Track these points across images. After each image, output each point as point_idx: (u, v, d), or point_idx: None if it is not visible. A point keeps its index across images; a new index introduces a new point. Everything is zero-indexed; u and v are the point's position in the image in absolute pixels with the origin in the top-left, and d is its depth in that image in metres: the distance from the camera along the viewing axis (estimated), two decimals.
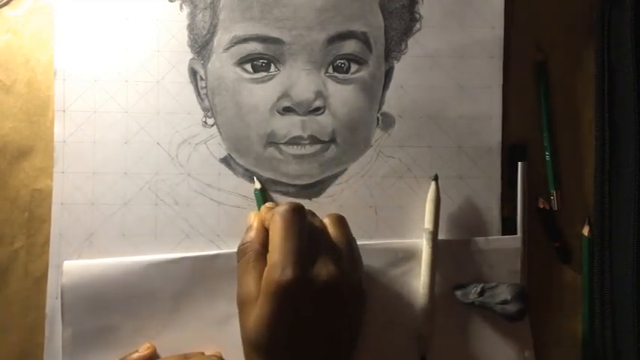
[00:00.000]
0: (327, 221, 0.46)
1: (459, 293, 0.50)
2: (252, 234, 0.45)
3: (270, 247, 0.43)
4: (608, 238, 0.52)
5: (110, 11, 0.51)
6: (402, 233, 0.52)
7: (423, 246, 0.50)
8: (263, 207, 0.49)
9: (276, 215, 0.43)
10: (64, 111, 0.51)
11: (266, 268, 0.42)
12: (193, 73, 0.52)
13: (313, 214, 0.46)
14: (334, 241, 0.45)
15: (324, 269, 0.42)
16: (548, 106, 0.53)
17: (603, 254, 0.52)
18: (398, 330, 0.50)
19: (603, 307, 0.51)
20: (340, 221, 0.46)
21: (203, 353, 0.48)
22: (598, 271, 0.52)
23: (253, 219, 0.47)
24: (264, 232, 0.45)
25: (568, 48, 0.54)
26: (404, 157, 0.52)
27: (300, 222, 0.43)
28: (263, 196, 0.50)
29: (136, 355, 0.48)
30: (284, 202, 0.45)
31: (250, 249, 0.45)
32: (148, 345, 0.48)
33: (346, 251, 0.45)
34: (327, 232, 0.45)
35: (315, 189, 0.52)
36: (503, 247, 0.51)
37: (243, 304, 0.43)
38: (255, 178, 0.51)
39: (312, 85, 0.51)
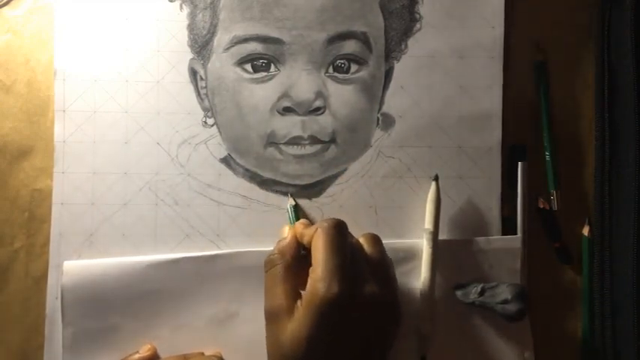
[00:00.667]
0: (362, 240, 0.47)
1: (459, 293, 0.50)
2: (284, 245, 0.46)
3: (314, 263, 0.43)
4: (608, 238, 0.52)
5: (110, 11, 0.51)
6: (402, 233, 0.52)
7: (424, 246, 0.50)
8: (298, 223, 0.49)
9: (319, 230, 0.44)
10: (64, 111, 0.50)
11: (309, 283, 0.42)
12: (193, 73, 0.52)
13: (349, 234, 0.46)
14: (371, 259, 0.45)
15: (367, 286, 0.43)
16: (548, 106, 0.53)
17: (603, 254, 0.52)
18: None
19: (603, 307, 0.51)
20: (376, 240, 0.47)
21: (203, 353, 0.48)
22: (598, 271, 0.52)
23: (287, 232, 0.47)
24: (297, 246, 0.46)
25: (568, 48, 0.54)
26: (404, 157, 0.52)
27: (343, 238, 0.44)
28: (296, 211, 0.50)
29: (137, 356, 0.48)
30: (325, 219, 0.45)
31: (280, 261, 0.45)
32: (149, 346, 0.48)
33: (384, 269, 0.46)
34: (364, 251, 0.46)
35: (315, 189, 0.52)
36: (503, 247, 0.51)
37: (273, 317, 0.43)
38: (289, 194, 0.51)
39: (312, 85, 0.51)
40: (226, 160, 0.52)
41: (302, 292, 0.43)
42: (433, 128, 0.53)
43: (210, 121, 0.52)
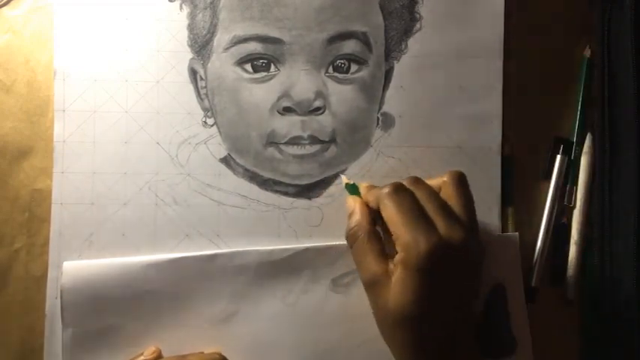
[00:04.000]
0: (447, 178, 0.47)
1: None
2: (358, 217, 0.47)
3: (394, 229, 0.44)
4: (608, 238, 0.52)
5: (110, 11, 0.51)
6: None
7: None
8: (362, 187, 0.49)
9: (384, 201, 0.44)
10: (64, 111, 0.51)
11: (399, 247, 0.43)
12: (193, 73, 0.52)
13: (421, 182, 0.46)
14: (453, 200, 0.46)
15: (453, 233, 0.43)
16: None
17: (603, 254, 0.52)
18: None
19: (604, 306, 0.51)
20: (460, 180, 0.47)
21: (202, 353, 0.48)
22: (598, 272, 0.52)
23: (354, 203, 0.48)
24: (370, 211, 0.47)
25: (568, 48, 0.54)
26: (404, 157, 0.52)
27: (409, 198, 0.44)
28: (354, 187, 0.50)
29: (141, 358, 0.47)
30: (384, 186, 0.45)
31: (361, 231, 0.46)
32: (154, 349, 0.48)
33: (466, 210, 0.46)
34: (439, 198, 0.45)
35: (315, 189, 0.52)
36: (502, 245, 0.51)
37: (372, 286, 0.44)
38: (341, 175, 0.51)
39: (312, 85, 0.51)
40: (226, 160, 0.52)
41: (392, 259, 0.44)
42: (433, 128, 0.53)
43: (210, 121, 0.52)
